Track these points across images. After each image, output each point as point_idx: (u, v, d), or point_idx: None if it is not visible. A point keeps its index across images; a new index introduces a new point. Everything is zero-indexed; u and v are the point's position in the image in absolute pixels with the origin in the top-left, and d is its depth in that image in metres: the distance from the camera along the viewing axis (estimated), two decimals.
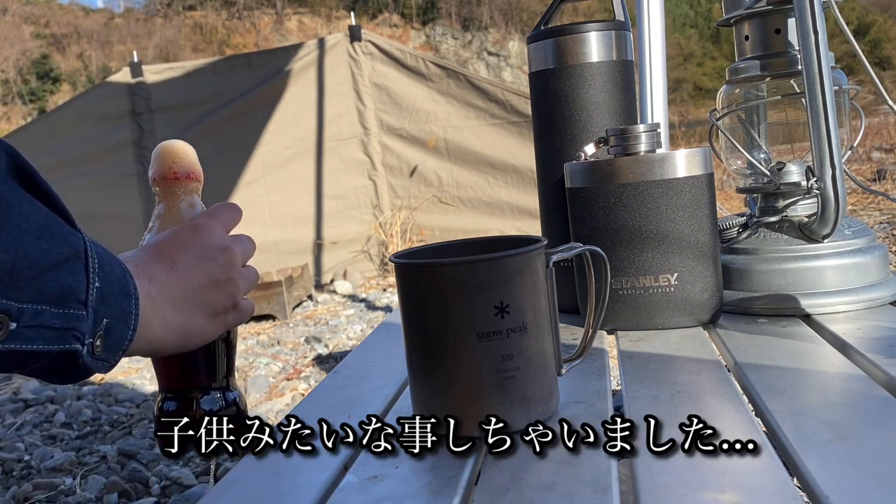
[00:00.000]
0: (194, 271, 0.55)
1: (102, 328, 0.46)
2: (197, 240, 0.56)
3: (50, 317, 0.42)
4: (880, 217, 3.95)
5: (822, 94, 0.72)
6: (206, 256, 0.56)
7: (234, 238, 0.60)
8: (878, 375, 0.57)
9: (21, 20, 23.20)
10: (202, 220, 0.59)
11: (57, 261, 0.42)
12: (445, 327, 0.50)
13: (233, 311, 0.58)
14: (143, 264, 0.52)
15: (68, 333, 0.43)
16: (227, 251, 0.57)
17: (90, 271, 0.44)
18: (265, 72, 4.15)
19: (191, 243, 0.56)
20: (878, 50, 22.89)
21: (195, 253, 0.55)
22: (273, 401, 2.27)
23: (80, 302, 0.44)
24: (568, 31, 0.82)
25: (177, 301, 0.53)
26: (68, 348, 0.44)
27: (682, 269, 0.72)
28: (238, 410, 0.61)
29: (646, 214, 0.72)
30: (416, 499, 0.44)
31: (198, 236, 0.56)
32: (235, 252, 0.58)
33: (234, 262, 0.57)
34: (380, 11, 25.27)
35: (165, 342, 0.52)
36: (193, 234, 0.56)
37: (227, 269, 0.57)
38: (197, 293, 0.55)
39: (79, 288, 0.44)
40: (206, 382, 0.60)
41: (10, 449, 2.01)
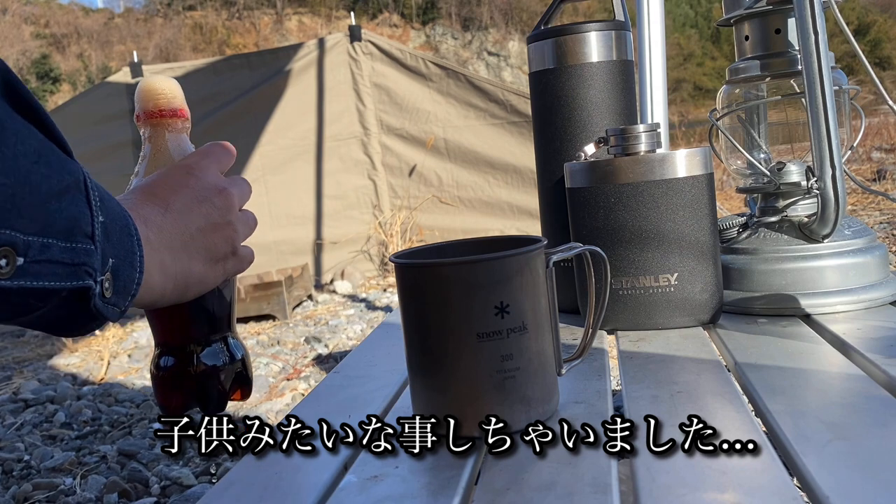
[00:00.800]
0: (191, 214, 0.51)
1: (109, 268, 0.42)
2: (191, 181, 0.52)
3: (59, 251, 0.38)
4: (880, 217, 3.95)
5: (822, 94, 0.72)
6: (202, 198, 0.52)
7: (229, 179, 0.56)
8: (878, 375, 0.57)
9: (21, 20, 23.20)
10: (194, 159, 0.55)
11: (59, 189, 0.38)
12: (445, 327, 0.50)
13: (232, 258, 0.54)
14: (136, 206, 0.48)
15: (80, 269, 0.39)
16: (223, 192, 0.53)
17: (93, 203, 0.41)
18: (265, 72, 4.15)
19: (184, 184, 0.52)
20: (878, 50, 22.89)
21: (190, 194, 0.51)
22: (273, 401, 2.27)
23: (86, 236, 0.40)
24: (568, 31, 0.82)
25: (174, 246, 0.49)
26: (81, 285, 0.40)
27: (682, 269, 0.72)
28: (243, 366, 0.58)
29: (646, 214, 0.72)
30: (416, 499, 0.44)
31: (191, 177, 0.52)
32: (232, 193, 0.54)
33: (232, 204, 0.54)
34: (380, 11, 25.27)
35: (165, 291, 0.48)
36: (187, 175, 0.52)
37: (224, 212, 0.53)
38: (195, 237, 0.51)
39: (84, 220, 0.40)
40: (206, 335, 0.57)
41: (10, 449, 2.01)
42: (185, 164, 0.54)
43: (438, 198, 4.15)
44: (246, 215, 0.57)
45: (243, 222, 0.56)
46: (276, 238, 4.03)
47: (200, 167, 0.54)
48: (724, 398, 0.55)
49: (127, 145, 4.02)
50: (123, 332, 3.49)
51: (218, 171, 0.55)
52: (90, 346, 3.25)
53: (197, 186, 0.52)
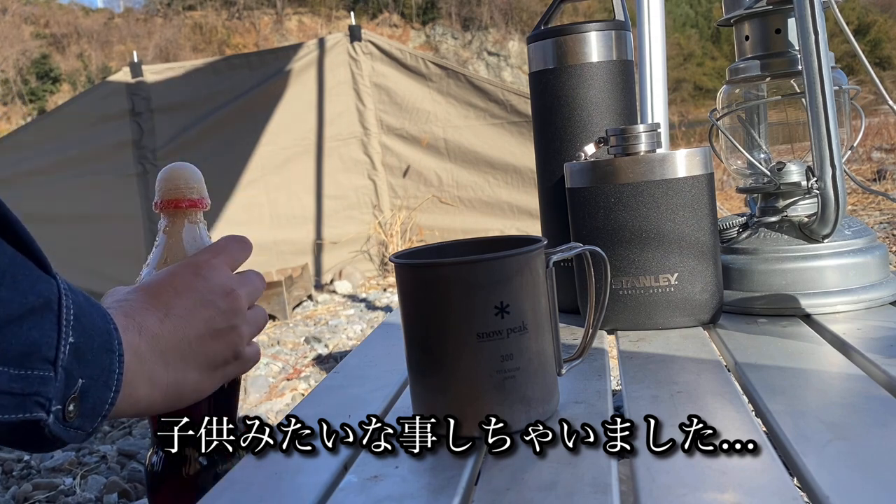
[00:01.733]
0: (192, 320, 0.49)
1: (77, 390, 0.40)
2: (198, 282, 0.50)
3: (7, 379, 0.36)
4: (880, 217, 3.95)
5: (823, 94, 0.72)
6: (207, 302, 0.50)
7: (239, 278, 0.54)
8: (878, 375, 0.57)
9: (21, 20, 23.20)
10: (205, 257, 0.53)
11: (20, 312, 0.37)
12: (445, 327, 0.50)
13: (234, 363, 0.53)
14: (135, 312, 0.47)
15: (29, 400, 0.37)
16: (230, 295, 0.51)
17: (63, 324, 0.39)
18: (265, 72, 4.15)
19: (190, 286, 0.50)
20: (878, 50, 22.89)
21: (194, 298, 0.50)
22: (273, 401, 2.27)
23: (47, 361, 0.38)
24: (568, 31, 0.82)
25: (169, 355, 0.47)
26: (29, 417, 0.38)
27: (682, 269, 0.72)
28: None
29: (646, 214, 0.72)
30: (416, 499, 0.44)
31: (199, 278, 0.51)
32: (240, 296, 0.52)
33: (239, 307, 0.52)
34: (380, 11, 25.28)
35: (153, 403, 0.47)
36: (194, 276, 0.51)
37: (229, 317, 0.51)
38: (193, 345, 0.49)
39: (46, 344, 0.38)
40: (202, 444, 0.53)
41: (9, 449, 2.01)
42: (195, 263, 0.52)
43: (438, 198, 4.15)
44: (255, 313, 0.55)
45: (250, 322, 0.54)
46: (276, 238, 4.03)
47: (210, 266, 0.52)
48: (724, 398, 0.55)
49: (127, 145, 4.02)
50: None
51: (229, 270, 0.53)
52: None
53: (203, 289, 0.50)
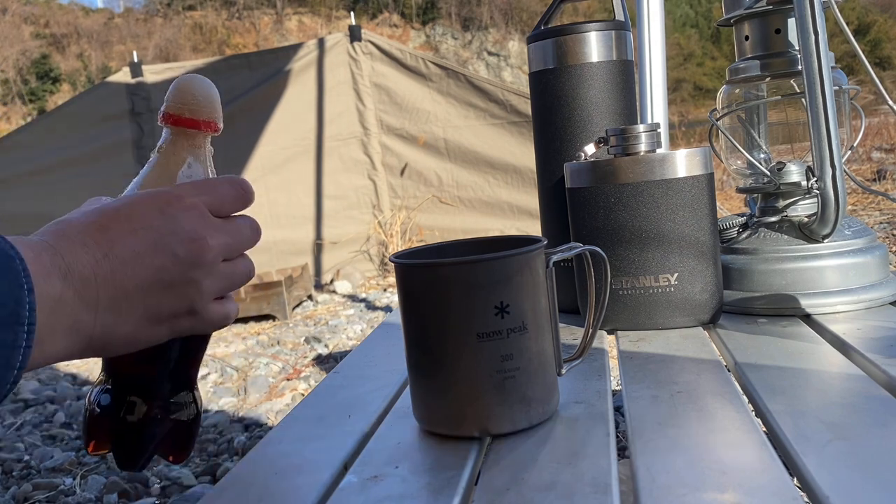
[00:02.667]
0: (137, 266, 0.43)
1: None
2: (159, 221, 0.44)
3: None
4: (880, 217, 3.95)
5: (823, 94, 0.72)
6: (162, 246, 0.44)
7: (217, 225, 0.47)
8: (878, 375, 0.57)
9: (21, 20, 23.20)
10: (181, 192, 0.47)
11: None
12: (445, 327, 0.50)
13: (187, 317, 0.47)
14: (66, 249, 0.41)
15: None
16: (195, 243, 0.45)
17: None
18: (265, 72, 4.15)
19: (147, 225, 0.44)
20: (878, 50, 22.89)
21: (147, 239, 0.44)
22: (273, 401, 2.27)
23: None
24: (568, 31, 0.82)
25: (101, 301, 0.42)
26: None
27: (682, 269, 0.72)
28: (185, 430, 0.51)
29: (646, 214, 0.72)
30: (416, 499, 0.44)
31: (163, 216, 0.45)
32: (207, 246, 0.46)
33: (201, 258, 0.45)
34: (380, 11, 25.27)
35: (72, 352, 0.42)
36: (157, 213, 0.45)
37: (185, 268, 0.45)
38: (131, 294, 0.43)
39: None
40: (145, 388, 0.49)
41: (9, 449, 2.01)
42: (165, 197, 0.46)
43: (438, 198, 4.15)
44: (233, 267, 0.49)
45: (220, 276, 0.47)
46: (275, 238, 4.03)
47: (181, 204, 0.46)
48: (724, 398, 0.55)
49: (127, 145, 4.02)
50: None
51: (205, 214, 0.47)
52: None
53: (163, 230, 0.44)
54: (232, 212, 0.49)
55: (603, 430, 0.50)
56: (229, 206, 0.49)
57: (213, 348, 3.02)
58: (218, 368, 2.69)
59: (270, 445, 0.56)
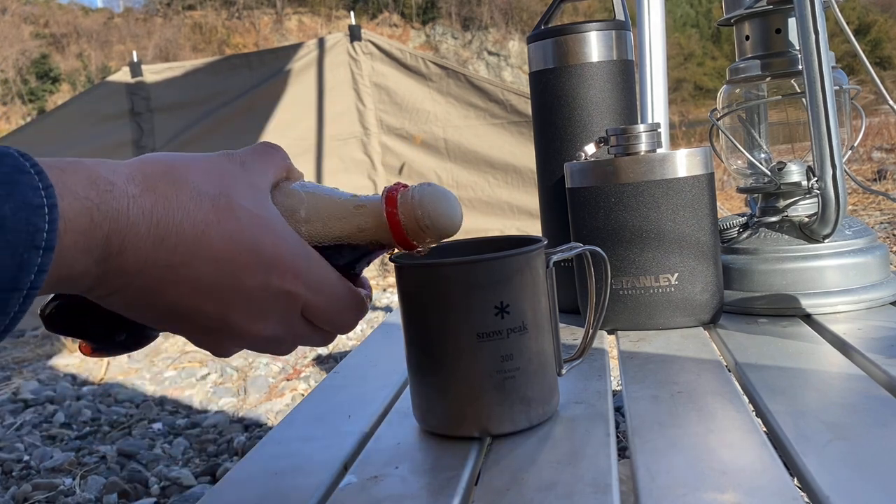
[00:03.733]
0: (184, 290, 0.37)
1: None
2: (252, 280, 0.39)
3: None
4: (881, 217, 3.95)
5: (823, 93, 0.72)
6: (221, 300, 0.38)
7: (290, 319, 0.41)
8: (878, 375, 0.57)
9: (20, 20, 23.20)
10: (303, 277, 0.40)
11: None
12: (445, 327, 0.50)
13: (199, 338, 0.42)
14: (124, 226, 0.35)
15: None
16: (251, 323, 0.40)
17: None
18: (265, 71, 4.15)
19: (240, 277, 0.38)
20: (878, 49, 22.88)
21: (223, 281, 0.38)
22: (273, 401, 2.26)
23: None
24: (568, 31, 0.82)
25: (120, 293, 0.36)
26: None
27: (682, 269, 0.72)
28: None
29: (646, 214, 0.72)
30: (416, 499, 0.44)
31: (259, 279, 0.39)
32: (259, 333, 0.41)
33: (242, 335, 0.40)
34: (380, 11, 25.26)
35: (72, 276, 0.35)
36: (259, 273, 0.39)
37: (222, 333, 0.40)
38: (158, 311, 0.38)
39: None
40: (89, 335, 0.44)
41: (9, 449, 2.01)
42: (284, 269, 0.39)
43: None
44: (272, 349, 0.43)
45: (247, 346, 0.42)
46: None
47: (281, 285, 0.39)
48: (725, 398, 0.54)
49: (127, 145, 4.02)
50: None
51: (292, 313, 0.41)
52: None
53: (243, 291, 0.38)
54: (320, 325, 0.44)
55: (603, 431, 0.50)
56: (322, 322, 0.43)
57: None
58: (218, 368, 2.69)
59: (270, 445, 0.56)
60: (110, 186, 0.35)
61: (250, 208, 0.39)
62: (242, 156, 0.42)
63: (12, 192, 0.31)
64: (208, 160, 0.40)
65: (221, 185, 0.39)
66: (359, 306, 0.45)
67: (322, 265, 0.43)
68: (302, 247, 0.42)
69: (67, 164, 0.34)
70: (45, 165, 0.33)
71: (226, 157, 0.41)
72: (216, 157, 0.41)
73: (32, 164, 0.32)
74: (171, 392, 2.49)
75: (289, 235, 0.41)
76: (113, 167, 0.36)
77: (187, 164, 0.39)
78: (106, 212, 0.34)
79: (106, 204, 0.34)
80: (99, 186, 0.34)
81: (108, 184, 0.35)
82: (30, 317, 0.34)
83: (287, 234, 0.41)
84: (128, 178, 0.36)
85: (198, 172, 0.39)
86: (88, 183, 0.34)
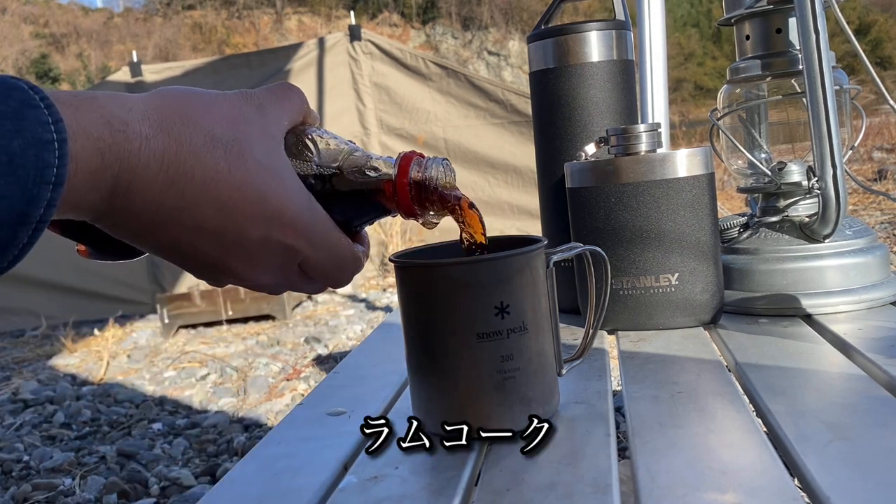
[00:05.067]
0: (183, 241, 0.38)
1: None
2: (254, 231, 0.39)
3: None
4: (881, 217, 3.95)
5: (823, 93, 0.72)
6: (222, 246, 0.39)
7: (287, 271, 0.42)
8: (878, 376, 0.57)
9: (20, 20, 23.20)
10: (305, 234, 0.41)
11: None
12: (445, 327, 0.50)
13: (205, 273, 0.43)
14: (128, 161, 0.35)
15: None
16: (249, 269, 0.41)
17: None
18: (265, 71, 4.15)
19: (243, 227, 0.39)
20: (878, 49, 22.87)
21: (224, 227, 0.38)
22: (272, 401, 2.26)
23: None
24: (568, 31, 0.82)
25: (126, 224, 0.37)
26: None
27: (682, 269, 0.72)
28: None
29: (646, 214, 0.72)
30: (416, 499, 0.44)
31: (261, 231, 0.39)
32: (256, 281, 0.42)
33: (240, 279, 0.41)
34: (380, 11, 25.26)
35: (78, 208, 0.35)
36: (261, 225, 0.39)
37: (219, 272, 0.41)
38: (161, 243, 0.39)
39: None
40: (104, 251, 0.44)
41: (9, 449, 2.01)
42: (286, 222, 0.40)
43: None
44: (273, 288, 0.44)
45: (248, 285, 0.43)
46: None
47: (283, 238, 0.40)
48: (725, 398, 0.54)
49: None
50: (123, 333, 3.49)
51: (291, 264, 0.42)
52: (89, 347, 3.25)
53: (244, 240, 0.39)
54: (315, 279, 0.44)
55: (603, 431, 0.50)
56: (318, 277, 0.44)
57: (212, 348, 3.02)
58: (218, 369, 2.69)
59: (270, 445, 0.56)
60: (124, 126, 0.35)
61: (261, 159, 0.39)
62: (260, 97, 0.42)
63: (21, 127, 0.31)
64: (227, 101, 0.40)
65: (236, 130, 0.39)
66: (356, 264, 0.45)
67: (325, 222, 0.43)
68: (307, 201, 0.42)
69: (82, 101, 0.34)
70: (58, 100, 0.33)
71: (244, 98, 0.41)
72: (234, 97, 0.41)
73: (42, 97, 0.32)
74: (171, 392, 2.49)
75: (296, 188, 0.41)
76: (129, 104, 0.36)
77: (205, 105, 0.39)
78: (117, 153, 0.35)
79: (118, 145, 0.35)
80: (112, 126, 0.35)
81: (121, 123, 0.35)
82: (30, 317, 0.34)
83: (294, 187, 0.41)
84: (142, 116, 0.36)
85: (213, 116, 0.39)
86: (102, 122, 0.34)
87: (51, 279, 3.68)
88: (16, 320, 3.73)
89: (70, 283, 3.72)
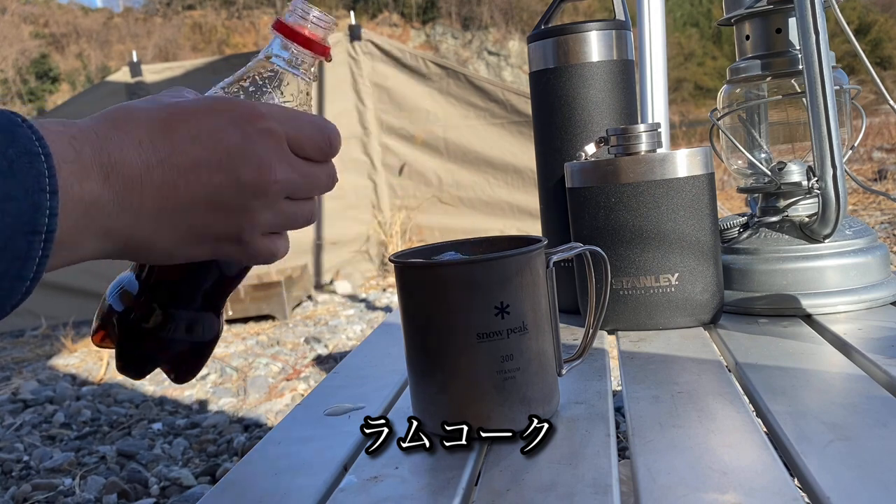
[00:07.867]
0: (192, 180, 0.39)
1: None
2: (230, 137, 0.40)
3: None
4: (881, 217, 3.95)
5: (823, 93, 0.72)
6: (226, 166, 0.40)
7: (290, 159, 0.43)
8: (878, 376, 0.57)
9: (20, 20, 23.20)
10: (266, 112, 0.42)
11: None
12: (445, 327, 0.50)
13: (233, 244, 0.43)
14: (117, 144, 0.37)
15: None
16: (262, 170, 0.41)
17: None
18: None
19: (217, 137, 0.40)
20: (878, 49, 22.87)
21: (212, 154, 0.40)
22: (272, 401, 2.26)
23: None
24: (568, 31, 0.82)
25: (143, 210, 0.38)
26: None
27: (682, 269, 0.72)
28: (190, 351, 0.48)
29: (646, 214, 0.72)
30: (416, 499, 0.44)
31: (236, 132, 0.41)
32: (275, 177, 0.41)
33: (264, 188, 0.41)
34: (379, 11, 25.26)
35: (101, 254, 0.39)
36: (233, 127, 0.41)
37: (245, 195, 0.41)
38: (178, 209, 0.40)
39: None
40: (168, 304, 0.46)
41: (9, 449, 2.01)
42: (247, 111, 0.41)
43: (438, 198, 4.14)
44: (296, 208, 0.44)
45: (279, 213, 0.43)
46: None
47: (260, 127, 0.41)
48: (725, 398, 0.54)
49: None
50: None
51: (283, 144, 0.42)
52: (89, 347, 3.25)
53: (232, 147, 0.40)
54: (311, 156, 0.45)
55: (603, 431, 0.50)
56: (310, 149, 0.44)
57: None
58: (217, 369, 2.69)
59: (270, 445, 0.56)
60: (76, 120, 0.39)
61: (214, 97, 0.45)
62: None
63: (13, 139, 0.33)
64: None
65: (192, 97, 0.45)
66: (330, 127, 0.46)
67: (288, 107, 0.47)
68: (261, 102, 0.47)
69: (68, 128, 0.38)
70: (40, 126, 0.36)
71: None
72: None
73: (22, 118, 0.35)
74: (171, 392, 2.49)
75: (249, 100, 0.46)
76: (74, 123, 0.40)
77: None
78: (83, 130, 0.38)
79: (78, 126, 0.38)
80: (66, 121, 0.38)
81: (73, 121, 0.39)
82: (30, 317, 0.35)
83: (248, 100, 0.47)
84: (93, 118, 0.40)
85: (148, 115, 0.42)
86: (57, 122, 0.37)
87: (51, 279, 3.68)
88: (16, 320, 3.73)
89: (70, 283, 3.72)
